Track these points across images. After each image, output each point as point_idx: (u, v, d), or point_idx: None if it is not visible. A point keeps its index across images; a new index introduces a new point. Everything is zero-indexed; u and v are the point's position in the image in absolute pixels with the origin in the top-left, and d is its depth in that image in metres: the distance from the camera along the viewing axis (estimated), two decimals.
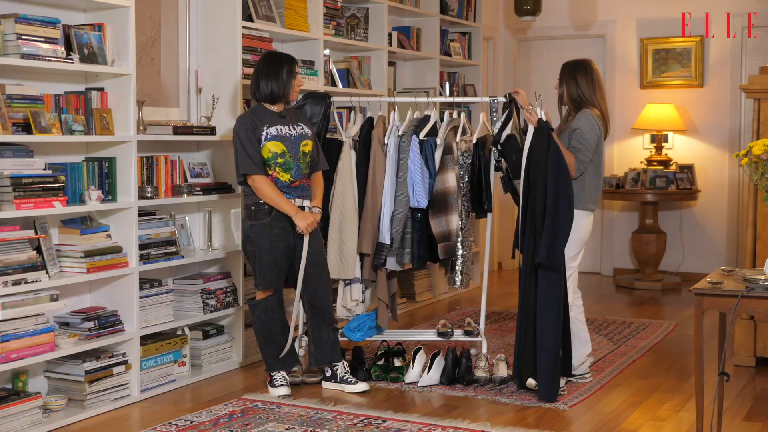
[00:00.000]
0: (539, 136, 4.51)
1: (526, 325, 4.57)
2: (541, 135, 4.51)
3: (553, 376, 4.47)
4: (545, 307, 4.47)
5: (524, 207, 4.59)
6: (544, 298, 4.48)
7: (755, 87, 5.19)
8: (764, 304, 3.54)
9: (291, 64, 4.57)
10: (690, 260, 8.22)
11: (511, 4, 8.19)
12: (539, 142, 4.50)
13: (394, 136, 4.99)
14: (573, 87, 4.74)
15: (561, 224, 4.43)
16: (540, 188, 4.47)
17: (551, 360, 4.46)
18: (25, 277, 3.99)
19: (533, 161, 4.52)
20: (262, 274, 4.55)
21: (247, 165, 4.46)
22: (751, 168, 3.85)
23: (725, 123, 8.06)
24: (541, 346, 4.47)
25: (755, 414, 4.35)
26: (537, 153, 4.50)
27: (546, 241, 4.41)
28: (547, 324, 4.46)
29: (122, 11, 4.45)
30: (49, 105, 4.23)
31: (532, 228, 4.51)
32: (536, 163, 4.49)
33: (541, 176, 4.46)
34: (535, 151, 4.51)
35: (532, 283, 4.53)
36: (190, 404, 4.49)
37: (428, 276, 7.21)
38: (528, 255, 4.55)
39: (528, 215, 4.55)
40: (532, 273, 4.53)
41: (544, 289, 4.48)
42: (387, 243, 4.89)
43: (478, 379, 4.79)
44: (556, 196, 4.43)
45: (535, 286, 4.51)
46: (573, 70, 4.77)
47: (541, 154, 4.48)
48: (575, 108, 4.77)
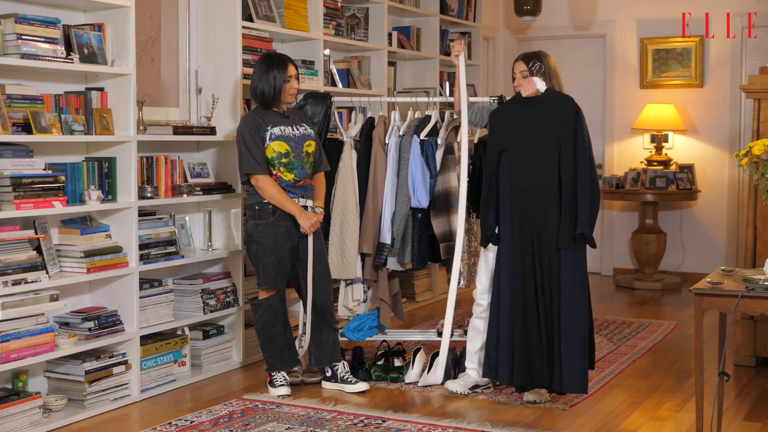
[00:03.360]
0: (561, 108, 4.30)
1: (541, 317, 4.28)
2: (568, 107, 4.30)
3: (584, 363, 4.27)
4: (576, 286, 4.23)
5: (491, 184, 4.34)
6: (572, 279, 4.22)
7: (755, 87, 5.19)
8: (764, 304, 3.54)
9: (282, 66, 4.53)
10: (690, 260, 8.22)
11: (511, 4, 8.20)
12: (565, 114, 4.27)
13: (395, 136, 4.99)
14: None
15: (596, 194, 4.25)
16: (569, 159, 4.22)
17: (581, 342, 4.23)
18: (25, 277, 3.99)
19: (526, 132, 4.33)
20: (266, 273, 4.55)
21: (250, 165, 4.47)
22: (751, 168, 3.85)
23: (725, 123, 8.06)
24: (573, 329, 4.21)
25: (755, 414, 4.35)
26: (564, 123, 4.27)
27: (586, 210, 4.18)
28: (578, 305, 4.22)
29: (122, 11, 4.45)
30: (49, 105, 4.23)
31: (550, 203, 4.24)
32: (561, 133, 4.26)
33: (568, 147, 4.23)
34: (563, 120, 4.27)
35: (555, 265, 4.25)
36: (190, 404, 4.49)
37: (428, 276, 7.21)
38: (544, 234, 4.26)
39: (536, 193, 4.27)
40: (554, 254, 4.25)
41: (572, 268, 4.23)
42: (388, 243, 4.90)
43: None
44: (590, 166, 4.24)
45: (559, 268, 4.24)
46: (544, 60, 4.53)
47: (567, 123, 4.26)
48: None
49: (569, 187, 4.24)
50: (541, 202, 4.31)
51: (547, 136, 4.31)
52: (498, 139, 4.44)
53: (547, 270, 4.29)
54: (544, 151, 4.31)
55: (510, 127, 4.41)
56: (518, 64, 4.53)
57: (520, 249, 4.34)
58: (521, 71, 4.49)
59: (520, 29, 8.82)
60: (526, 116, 4.37)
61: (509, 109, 4.48)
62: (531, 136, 4.35)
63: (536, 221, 4.31)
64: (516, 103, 4.45)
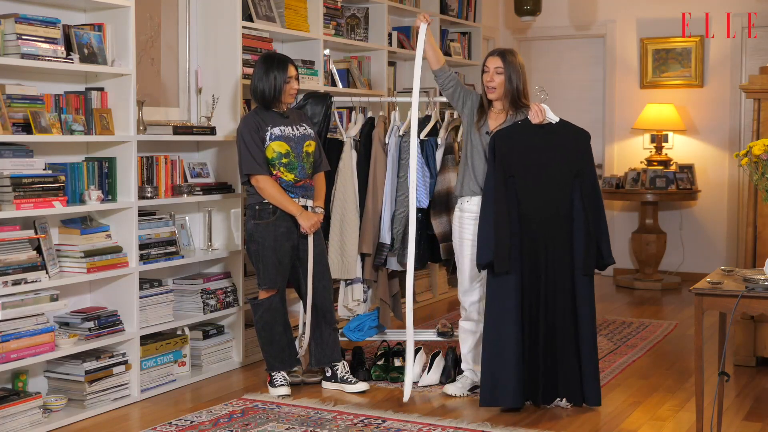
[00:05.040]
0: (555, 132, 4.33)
1: (551, 338, 4.32)
2: (583, 137, 4.38)
3: (597, 378, 4.40)
4: (593, 310, 4.35)
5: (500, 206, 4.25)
6: (590, 301, 4.34)
7: (755, 87, 5.19)
8: (764, 304, 3.54)
9: (282, 67, 4.53)
10: (690, 260, 8.21)
11: (511, 4, 8.20)
12: (581, 145, 4.36)
13: (394, 136, 4.99)
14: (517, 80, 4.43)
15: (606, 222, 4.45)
16: (588, 189, 4.34)
17: (595, 362, 4.37)
18: (25, 277, 3.99)
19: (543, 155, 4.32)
20: (266, 273, 4.55)
21: (250, 165, 4.47)
22: (751, 168, 3.85)
23: (725, 123, 8.06)
24: (592, 350, 4.34)
25: (755, 414, 4.35)
26: (580, 153, 4.36)
27: (606, 240, 4.37)
28: (590, 328, 4.34)
29: (122, 11, 4.45)
30: (49, 105, 4.23)
31: (561, 231, 4.30)
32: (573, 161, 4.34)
33: (586, 177, 4.34)
34: (579, 151, 4.36)
35: (567, 292, 4.31)
36: (190, 404, 4.49)
37: (428, 276, 7.21)
38: (552, 262, 4.29)
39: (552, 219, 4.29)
40: (568, 280, 4.32)
41: (589, 294, 4.34)
42: (388, 243, 4.89)
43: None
44: (597, 194, 4.39)
45: (573, 294, 4.32)
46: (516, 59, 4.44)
47: (584, 154, 4.36)
48: (513, 105, 4.46)
49: (590, 216, 4.32)
50: (551, 229, 4.29)
51: (560, 166, 4.31)
52: (506, 164, 4.29)
53: (557, 296, 4.30)
54: (557, 180, 4.30)
55: (518, 153, 4.30)
56: (493, 59, 4.43)
57: (530, 276, 4.29)
58: (496, 67, 4.40)
59: (520, 29, 8.82)
60: (537, 143, 4.31)
61: (518, 135, 4.33)
62: (543, 164, 4.31)
63: (545, 248, 4.28)
64: (525, 129, 4.33)
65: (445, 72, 4.61)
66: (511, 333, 4.25)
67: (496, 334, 4.27)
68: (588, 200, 4.33)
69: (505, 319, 4.26)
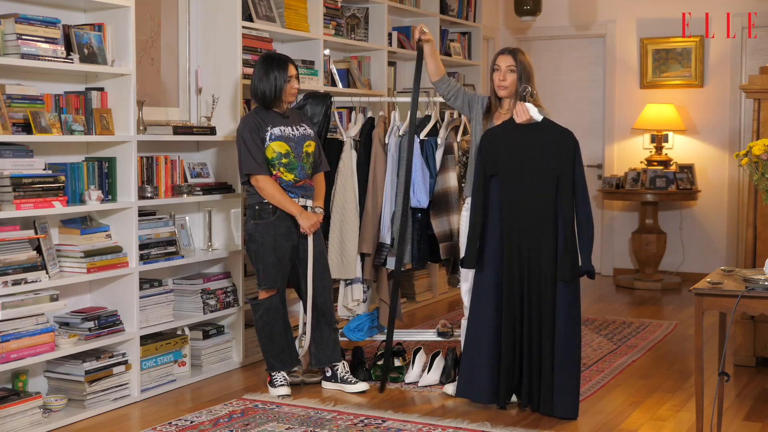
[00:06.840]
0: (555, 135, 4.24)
1: (530, 344, 4.25)
2: (568, 139, 4.23)
3: (577, 391, 4.25)
4: (572, 319, 4.19)
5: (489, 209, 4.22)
6: (570, 309, 4.18)
7: (755, 87, 5.19)
8: (764, 304, 3.54)
9: (282, 67, 4.53)
10: (690, 260, 8.21)
11: (511, 4, 8.20)
12: (564, 146, 4.21)
13: (394, 136, 4.99)
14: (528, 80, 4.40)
15: (592, 227, 4.24)
16: (568, 192, 4.19)
17: (571, 371, 4.21)
18: (25, 277, 3.99)
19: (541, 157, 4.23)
20: (266, 273, 4.55)
21: (250, 165, 4.47)
22: (751, 168, 3.85)
23: (725, 123, 8.06)
24: (567, 361, 4.18)
25: (755, 414, 4.35)
26: (563, 154, 4.21)
27: (589, 246, 4.19)
28: (566, 335, 4.18)
29: (122, 11, 4.45)
30: (49, 105, 4.23)
31: (544, 233, 4.19)
32: (562, 164, 4.21)
33: (567, 179, 4.19)
34: (562, 152, 4.21)
35: (549, 296, 4.20)
36: (190, 404, 4.49)
37: (428, 276, 7.20)
38: (535, 264, 4.21)
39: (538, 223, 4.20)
40: (549, 284, 4.20)
41: (569, 303, 4.18)
42: (387, 243, 4.89)
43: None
44: (582, 197, 4.22)
45: (553, 301, 4.19)
46: (526, 59, 4.43)
47: (567, 156, 4.21)
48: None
49: (569, 220, 4.19)
50: (534, 231, 4.22)
51: (543, 167, 4.21)
52: (488, 163, 4.27)
53: (537, 300, 4.23)
54: (540, 181, 4.21)
55: (502, 152, 4.25)
56: (505, 58, 4.42)
57: (509, 276, 4.25)
58: (508, 65, 4.39)
59: (520, 29, 8.82)
60: (521, 143, 4.24)
61: (501, 133, 4.29)
62: (526, 164, 4.23)
63: (528, 250, 4.23)
64: (509, 128, 4.27)
65: (445, 81, 4.62)
66: (486, 332, 4.28)
67: (474, 329, 4.32)
68: (565, 203, 4.19)
69: (482, 316, 4.29)
